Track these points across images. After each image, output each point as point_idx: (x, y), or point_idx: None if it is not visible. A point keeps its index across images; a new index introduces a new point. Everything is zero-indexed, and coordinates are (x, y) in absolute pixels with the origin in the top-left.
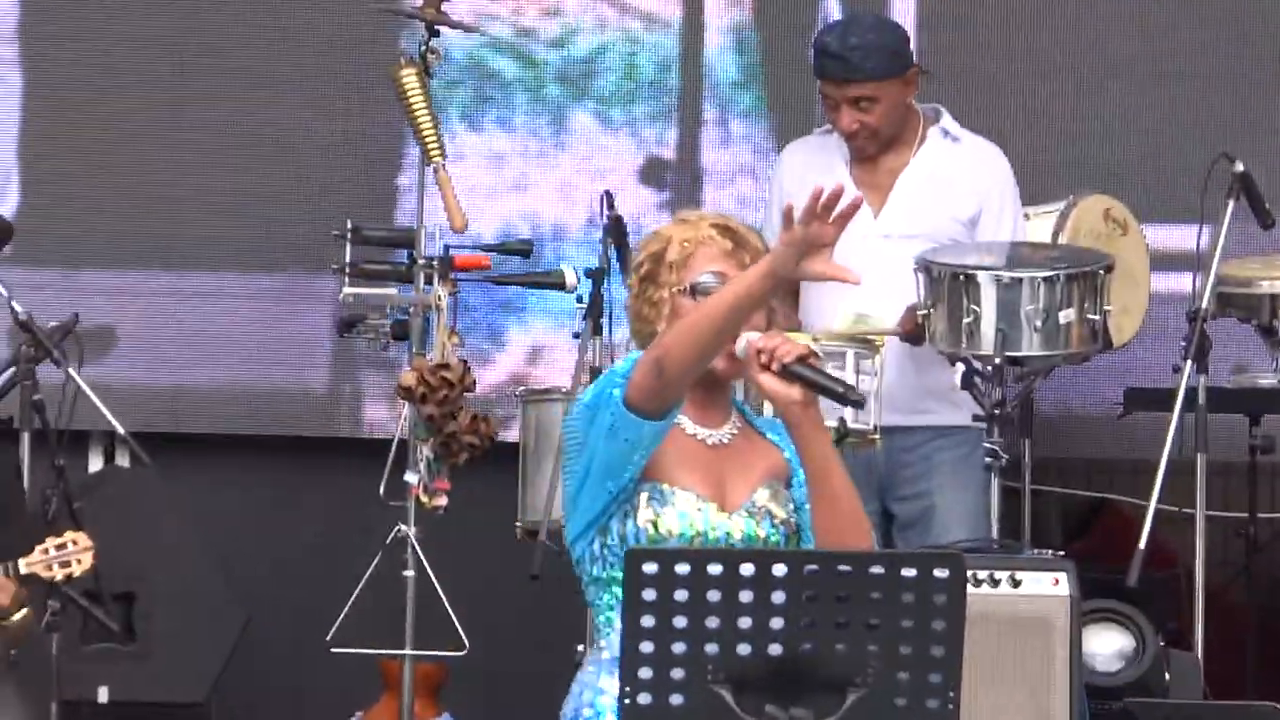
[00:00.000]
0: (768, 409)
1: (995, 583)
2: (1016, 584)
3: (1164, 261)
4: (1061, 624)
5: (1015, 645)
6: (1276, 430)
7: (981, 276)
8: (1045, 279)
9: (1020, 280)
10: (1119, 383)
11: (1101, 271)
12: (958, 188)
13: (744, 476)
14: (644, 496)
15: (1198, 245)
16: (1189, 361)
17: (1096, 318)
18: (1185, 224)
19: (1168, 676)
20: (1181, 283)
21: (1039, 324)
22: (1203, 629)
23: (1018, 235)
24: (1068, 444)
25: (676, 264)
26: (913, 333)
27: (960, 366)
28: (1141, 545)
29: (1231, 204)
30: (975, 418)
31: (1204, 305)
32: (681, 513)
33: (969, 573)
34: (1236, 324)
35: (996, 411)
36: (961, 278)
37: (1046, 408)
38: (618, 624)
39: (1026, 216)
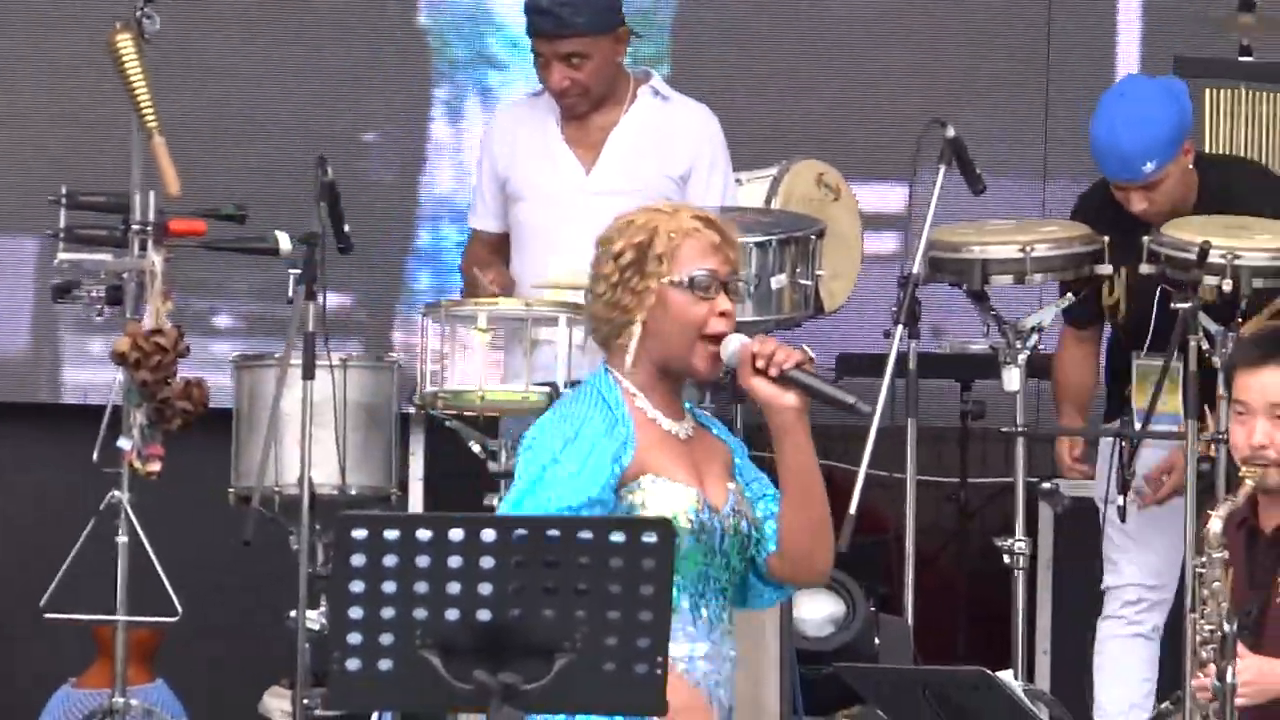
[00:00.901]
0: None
1: None
2: None
3: (877, 222)
4: None
5: None
6: (987, 395)
7: None
8: (758, 244)
9: None
10: (831, 348)
11: (814, 237)
12: (669, 145)
13: (713, 471)
14: (644, 490)
15: (909, 211)
16: (900, 326)
17: (809, 283)
18: (898, 182)
19: (878, 641)
20: (892, 245)
21: (751, 289)
22: (913, 594)
23: (728, 197)
24: None
25: (665, 255)
26: None
27: None
28: (852, 510)
29: (943, 169)
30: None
31: (915, 270)
32: (682, 503)
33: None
34: (948, 288)
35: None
36: None
37: None
38: None
39: (740, 182)
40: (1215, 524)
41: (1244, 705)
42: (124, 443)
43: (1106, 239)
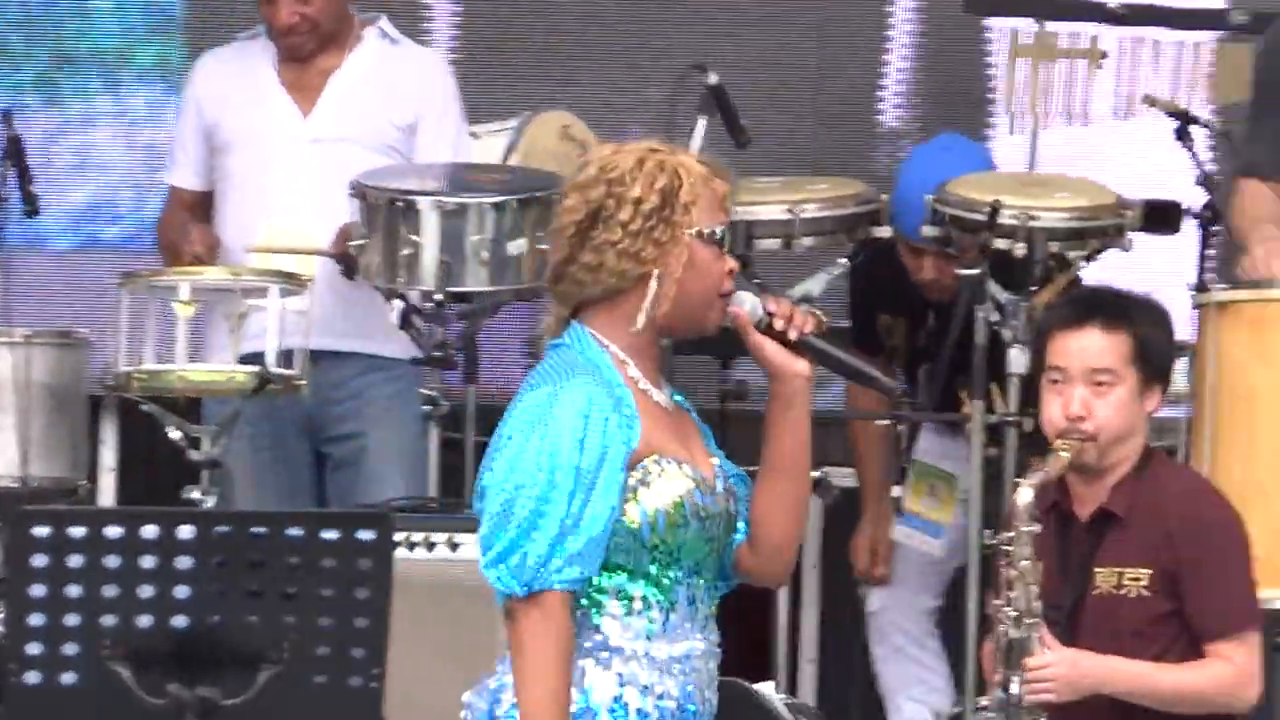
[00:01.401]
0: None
1: (430, 546)
2: (454, 547)
3: None
4: None
5: (451, 616)
6: (749, 374)
7: (422, 203)
8: (494, 205)
9: (466, 206)
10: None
11: (557, 196)
12: (396, 92)
13: (698, 445)
14: (652, 474)
15: None
16: None
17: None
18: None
19: None
20: None
21: (486, 255)
22: None
23: (460, 153)
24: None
25: (691, 204)
26: (345, 254)
27: (398, 304)
28: None
29: (704, 120)
30: (414, 361)
31: None
32: (687, 485)
33: (400, 535)
34: None
35: (437, 354)
36: (400, 204)
37: (495, 349)
38: (612, 609)
39: (475, 135)
40: (1025, 494)
41: (1056, 701)
42: None
43: (885, 197)
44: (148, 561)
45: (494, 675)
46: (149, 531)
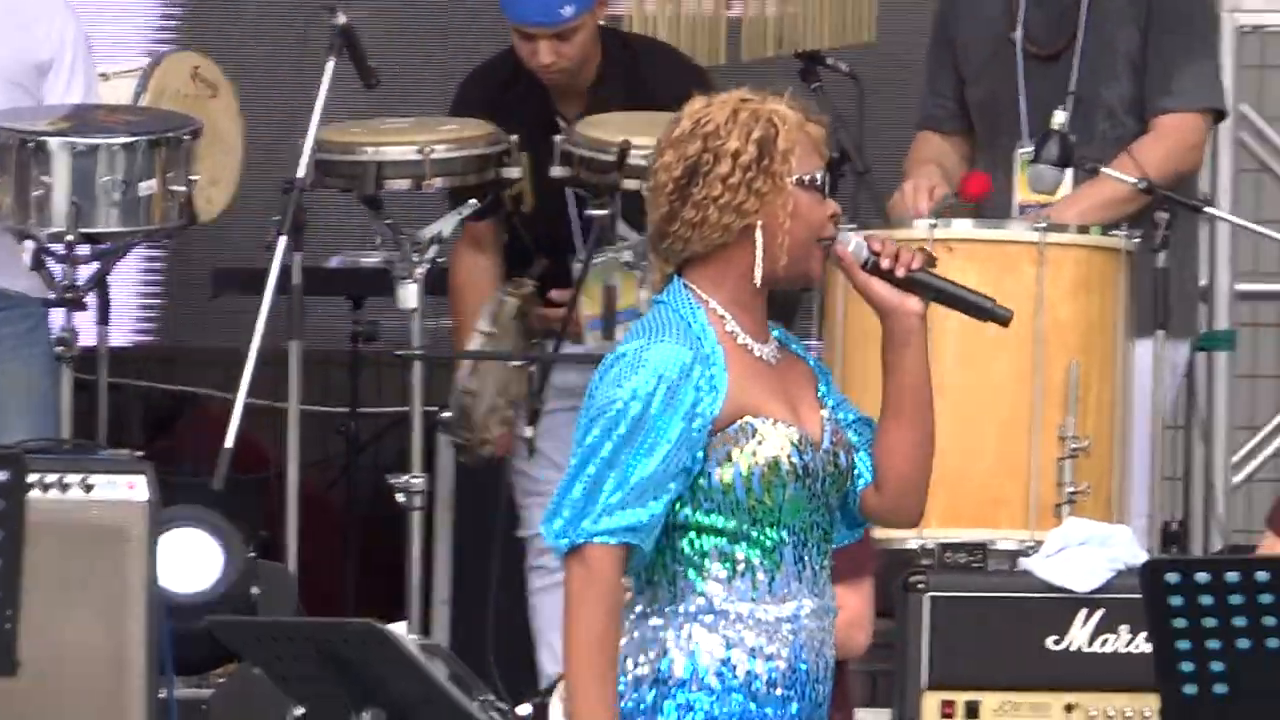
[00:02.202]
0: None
1: (64, 487)
2: (88, 489)
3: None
4: (138, 533)
5: (86, 558)
6: (382, 314)
7: (53, 143)
8: (124, 146)
9: (96, 147)
10: (205, 262)
11: (187, 137)
12: (30, 31)
13: (806, 399)
14: (746, 435)
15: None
16: (282, 237)
17: (182, 188)
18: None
19: (256, 591)
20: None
21: (117, 196)
22: (297, 538)
23: (91, 95)
24: (151, 330)
25: (788, 152)
26: None
27: (30, 245)
28: (228, 444)
29: (333, 61)
30: (46, 302)
31: (301, 175)
32: (785, 446)
33: (33, 476)
34: (339, 195)
35: (69, 295)
36: (31, 144)
37: (127, 292)
38: (715, 572)
39: (105, 77)
40: None
41: None
42: None
43: (515, 138)
44: None
45: None
46: None
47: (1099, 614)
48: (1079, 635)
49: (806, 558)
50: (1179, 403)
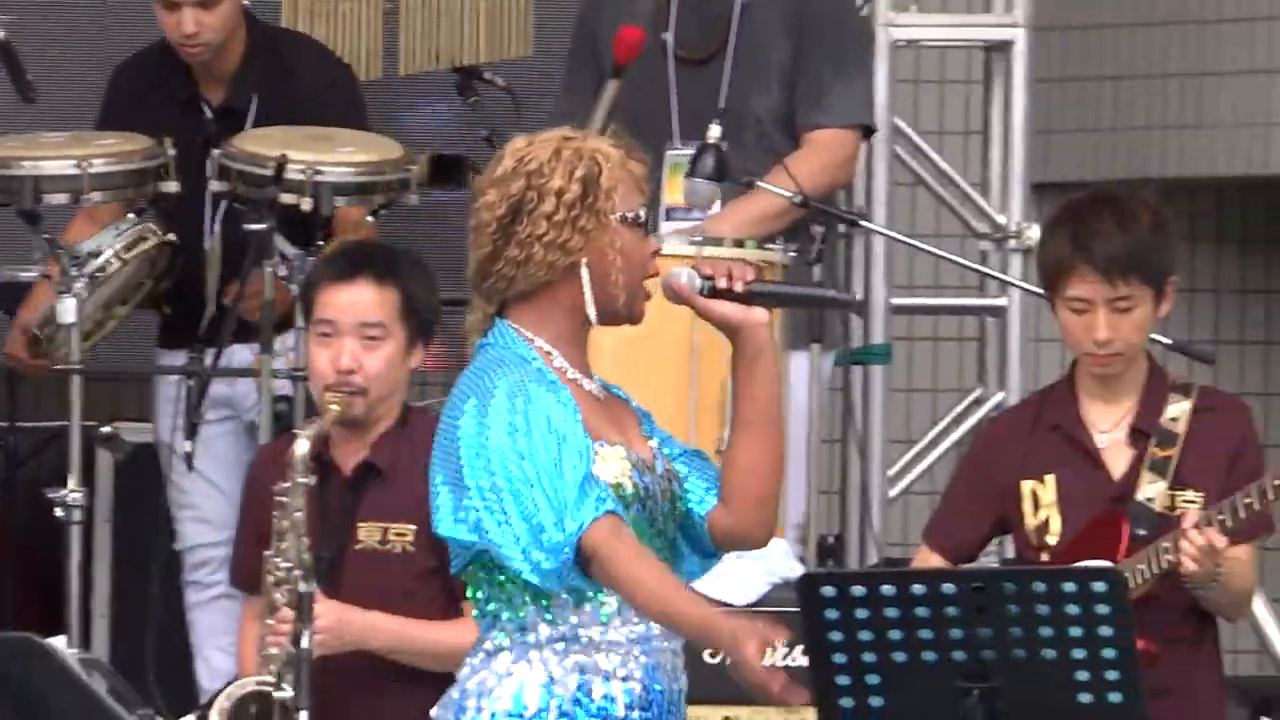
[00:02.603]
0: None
1: None
2: None
3: None
4: None
5: None
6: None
7: None
8: None
9: None
10: None
11: None
12: None
13: (633, 430)
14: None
15: None
16: None
17: None
18: None
19: None
20: None
21: None
22: None
23: None
24: None
25: (612, 189)
26: None
27: None
28: None
29: None
30: None
31: None
32: (625, 468)
33: None
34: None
35: None
36: None
37: None
38: (563, 597)
39: None
40: (302, 445)
41: (323, 653)
42: None
43: (173, 152)
44: None
45: (455, 686)
46: None
47: None
48: None
49: None
50: (832, 415)
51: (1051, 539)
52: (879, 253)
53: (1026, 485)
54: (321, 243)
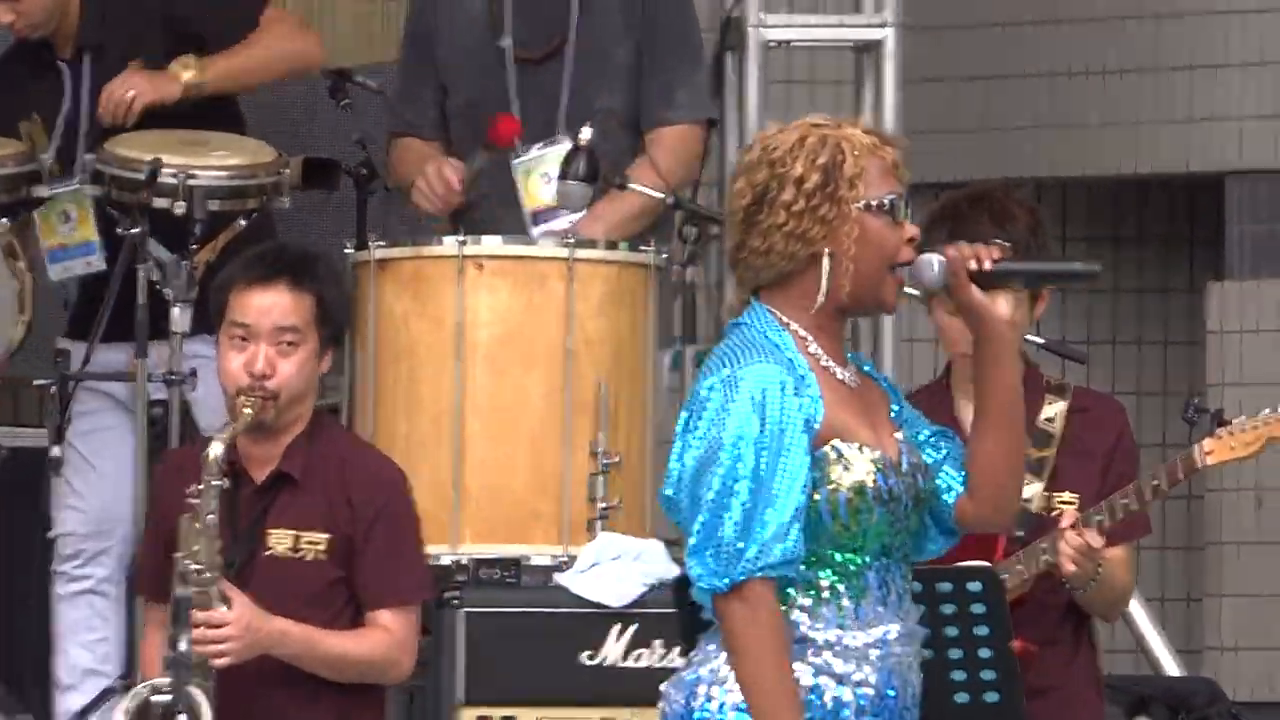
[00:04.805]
0: None
1: None
2: None
3: None
4: None
5: None
6: None
7: None
8: None
9: None
10: None
11: None
12: None
13: (883, 422)
14: (831, 460)
15: None
16: None
17: None
18: None
19: None
20: None
21: None
22: None
23: None
24: None
25: (856, 177)
26: None
27: None
28: None
29: None
30: None
31: None
32: (870, 470)
33: None
34: None
35: None
36: None
37: None
38: (799, 599)
39: None
40: (216, 448)
41: (230, 660)
42: None
43: (48, 157)
44: None
45: (690, 666)
46: None
47: (633, 628)
48: (613, 650)
49: (890, 582)
50: None
51: None
52: None
53: None
54: (195, 247)
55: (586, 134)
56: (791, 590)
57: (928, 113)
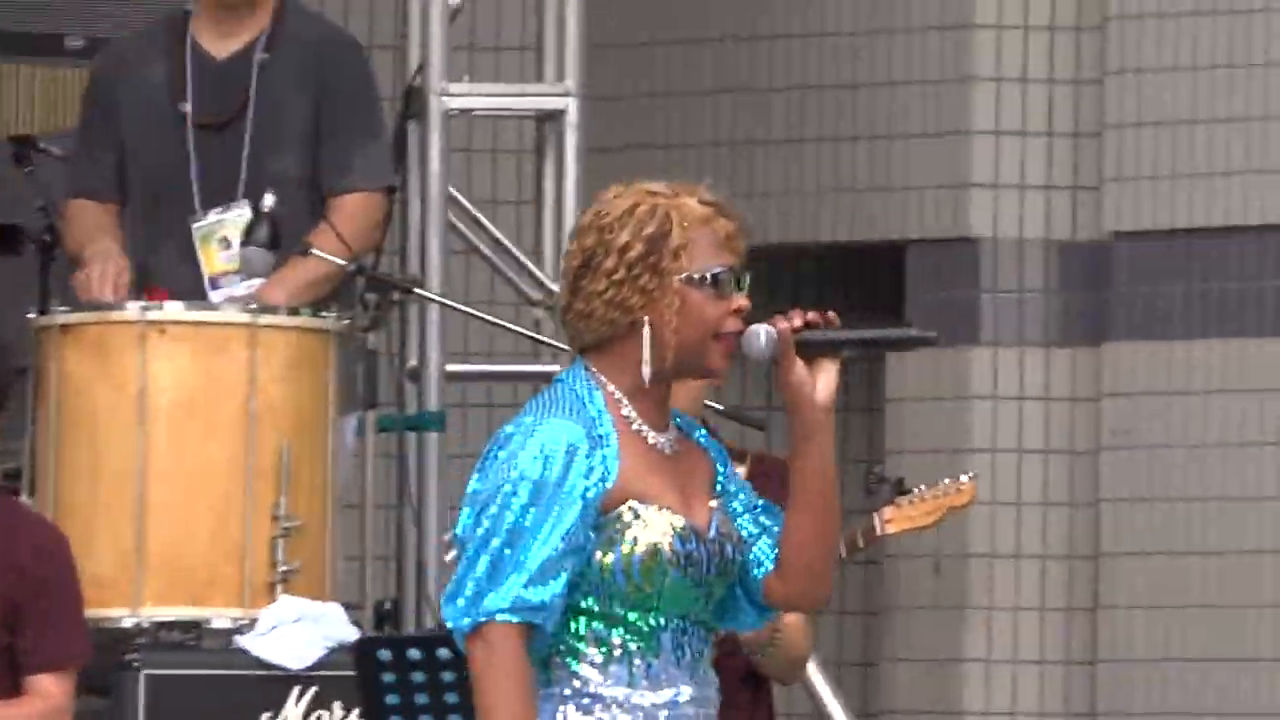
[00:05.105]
0: None
1: None
2: None
3: None
4: None
5: None
6: None
7: None
8: None
9: None
10: None
11: None
12: None
13: (697, 488)
14: (626, 521)
15: None
16: None
17: None
18: None
19: None
20: None
21: None
22: None
23: None
24: None
25: (681, 249)
26: None
27: None
28: None
29: None
30: None
31: None
32: (667, 534)
33: None
34: None
35: None
36: None
37: None
38: (592, 656)
39: None
40: None
41: None
42: None
43: None
44: None
45: None
46: None
47: (312, 690)
48: (293, 712)
49: (687, 645)
50: (388, 481)
51: None
52: (434, 320)
53: None
54: None
55: (269, 200)
56: (583, 646)
57: (612, 181)
